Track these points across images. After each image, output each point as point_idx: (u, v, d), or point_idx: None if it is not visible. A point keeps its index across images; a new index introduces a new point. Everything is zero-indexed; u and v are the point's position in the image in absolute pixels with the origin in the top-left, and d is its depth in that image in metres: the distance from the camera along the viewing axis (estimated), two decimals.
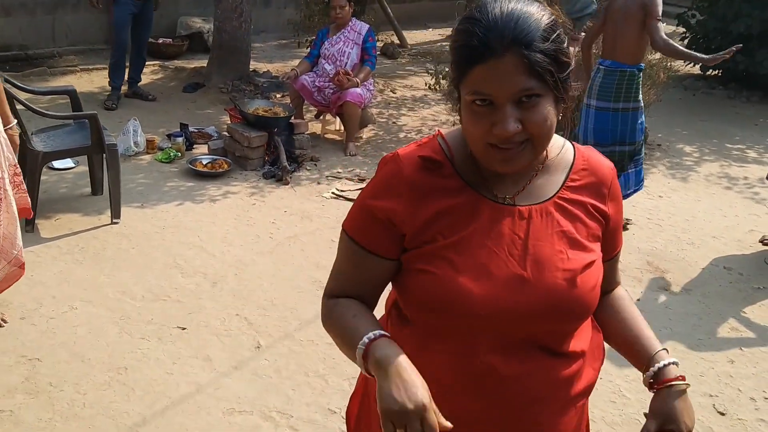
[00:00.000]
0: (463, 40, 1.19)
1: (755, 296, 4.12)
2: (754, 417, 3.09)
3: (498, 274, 1.23)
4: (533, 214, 1.28)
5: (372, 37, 6.07)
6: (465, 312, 1.22)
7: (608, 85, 4.48)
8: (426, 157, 1.28)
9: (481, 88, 1.16)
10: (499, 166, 1.22)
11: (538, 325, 1.26)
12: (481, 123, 1.18)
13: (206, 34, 8.86)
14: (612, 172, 1.37)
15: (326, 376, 3.13)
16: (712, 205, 5.45)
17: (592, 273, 1.29)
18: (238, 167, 5.43)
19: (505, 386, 1.27)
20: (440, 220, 1.26)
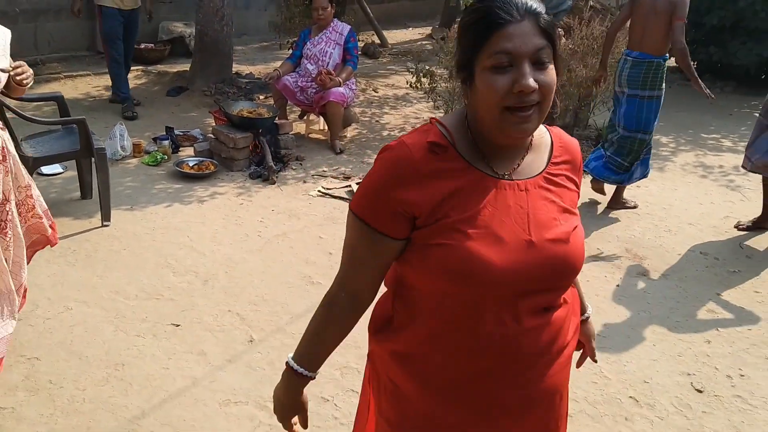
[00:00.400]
0: (483, 13, 1.32)
1: (730, 279, 4.26)
2: (730, 393, 3.23)
3: (509, 241, 1.37)
4: (529, 186, 1.43)
5: (353, 38, 6.17)
6: (483, 276, 1.34)
7: (636, 75, 4.77)
8: (433, 142, 1.39)
9: (505, 46, 1.30)
10: (513, 130, 1.34)
11: (544, 281, 1.41)
12: (502, 83, 1.30)
13: (188, 38, 8.93)
14: (578, 147, 1.57)
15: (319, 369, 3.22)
16: (688, 193, 5.60)
17: (580, 234, 1.47)
18: (224, 168, 5.52)
19: (514, 342, 1.41)
20: (452, 198, 1.37)
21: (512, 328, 1.40)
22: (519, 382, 1.46)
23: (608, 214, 5.08)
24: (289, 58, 6.39)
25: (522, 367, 1.44)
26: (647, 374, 3.31)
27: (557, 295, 1.48)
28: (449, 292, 1.40)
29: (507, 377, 1.44)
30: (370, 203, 1.42)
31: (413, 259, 1.43)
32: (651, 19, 4.66)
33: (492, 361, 1.43)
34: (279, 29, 8.35)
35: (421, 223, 1.38)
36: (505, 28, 1.30)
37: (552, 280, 1.42)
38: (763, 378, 3.34)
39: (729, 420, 3.04)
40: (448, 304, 1.41)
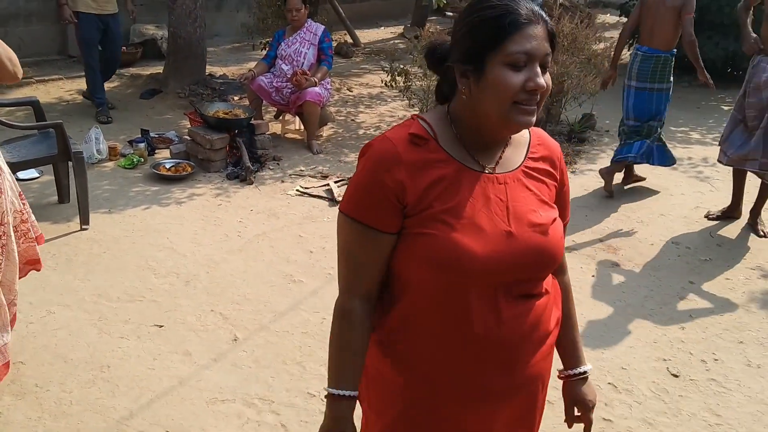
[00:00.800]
0: (503, 12, 1.38)
1: (702, 267, 4.38)
2: (705, 377, 3.33)
3: (490, 231, 1.42)
4: (508, 179, 1.48)
5: (328, 38, 6.21)
6: (465, 266, 1.39)
7: (645, 69, 5.12)
8: (414, 134, 1.45)
9: (525, 47, 1.36)
10: (518, 122, 1.40)
11: (523, 271, 1.46)
12: (516, 80, 1.37)
13: (160, 40, 8.89)
14: (559, 148, 1.62)
15: (303, 363, 3.27)
16: (659, 185, 5.72)
17: (558, 226, 1.52)
18: (201, 170, 5.52)
19: (496, 330, 1.45)
20: (435, 188, 1.42)
21: (495, 316, 1.45)
22: (502, 370, 1.50)
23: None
24: (263, 59, 6.41)
25: (505, 354, 1.48)
26: (625, 361, 3.40)
27: (536, 284, 1.52)
28: (432, 281, 1.44)
29: (490, 365, 1.48)
30: (360, 200, 1.45)
31: (398, 249, 1.47)
32: (660, 16, 4.96)
33: (476, 349, 1.47)
34: (252, 30, 8.34)
35: (409, 212, 1.43)
36: (527, 29, 1.37)
37: (531, 269, 1.47)
38: (736, 362, 3.44)
39: (705, 403, 3.14)
40: (432, 294, 1.45)
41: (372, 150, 1.46)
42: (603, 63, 6.61)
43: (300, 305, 3.75)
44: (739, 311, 3.90)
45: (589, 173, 5.87)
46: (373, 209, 1.44)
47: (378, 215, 1.43)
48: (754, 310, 3.92)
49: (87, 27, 6.39)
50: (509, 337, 1.47)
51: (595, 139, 6.82)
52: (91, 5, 6.30)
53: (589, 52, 6.61)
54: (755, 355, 3.50)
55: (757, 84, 4.54)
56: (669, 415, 3.05)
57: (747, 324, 3.78)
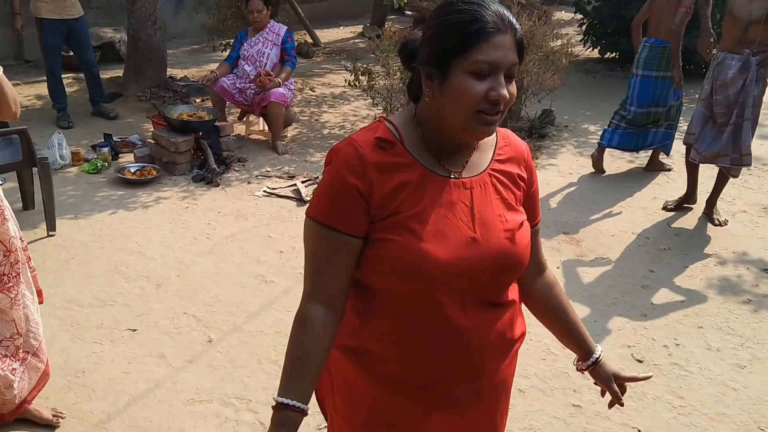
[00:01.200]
0: (470, 18, 1.35)
1: (661, 257, 4.52)
2: (668, 362, 3.46)
3: (454, 237, 1.41)
4: (474, 184, 1.47)
5: (291, 38, 6.24)
6: (430, 272, 1.38)
7: (651, 58, 5.48)
8: (380, 138, 1.44)
9: (491, 57, 1.34)
10: (479, 131, 1.40)
11: (488, 278, 1.45)
12: (479, 90, 1.35)
13: (118, 43, 8.80)
14: (526, 147, 1.61)
15: (279, 362, 3.29)
16: (618, 177, 5.88)
17: (525, 231, 1.51)
18: (166, 173, 5.50)
19: (463, 338, 1.45)
20: (400, 193, 1.41)
21: (461, 323, 1.44)
22: (468, 377, 1.50)
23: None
24: (226, 60, 6.40)
25: (472, 362, 1.49)
26: None
27: (503, 291, 1.52)
28: (397, 288, 1.44)
29: (457, 372, 1.49)
30: (326, 204, 1.44)
31: (365, 257, 1.45)
32: (664, 9, 5.31)
33: (442, 356, 1.47)
34: (212, 31, 8.31)
35: (374, 216, 1.41)
36: (493, 38, 1.34)
37: (497, 275, 1.47)
38: (696, 346, 3.58)
39: (668, 386, 3.27)
40: (398, 301, 1.45)
41: (338, 154, 1.45)
42: (561, 59, 6.75)
43: (272, 305, 3.78)
44: (698, 297, 4.05)
45: (551, 168, 6.01)
46: (339, 211, 1.42)
47: (344, 217, 1.41)
48: (712, 296, 4.07)
49: (49, 33, 6.28)
50: (476, 345, 1.47)
51: (555, 134, 6.96)
52: (52, 11, 6.20)
53: (547, 49, 6.75)
54: (714, 339, 3.65)
55: (724, 81, 4.67)
56: (635, 398, 3.16)
57: (706, 309, 3.93)
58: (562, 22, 12.33)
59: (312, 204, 1.47)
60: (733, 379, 3.33)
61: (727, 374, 3.37)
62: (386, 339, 1.48)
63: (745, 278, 4.29)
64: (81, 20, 6.44)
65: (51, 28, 6.27)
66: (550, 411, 3.05)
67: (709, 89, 4.81)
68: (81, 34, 6.49)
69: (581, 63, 9.77)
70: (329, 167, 1.45)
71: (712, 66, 4.82)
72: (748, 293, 4.12)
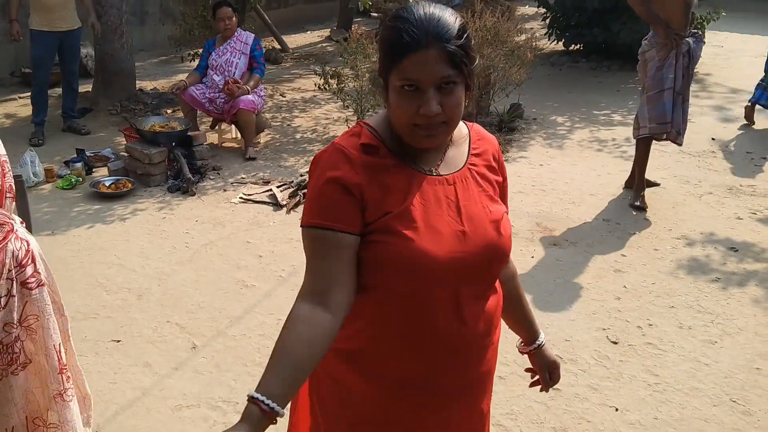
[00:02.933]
0: (394, 36, 1.38)
1: (632, 241, 4.64)
2: (642, 342, 3.56)
3: (445, 233, 1.44)
4: (456, 180, 1.50)
5: (259, 46, 6.29)
6: (427, 269, 1.41)
7: None
8: (366, 144, 1.46)
9: (411, 75, 1.36)
10: (423, 142, 1.44)
11: (479, 270, 1.48)
12: (409, 105, 1.38)
13: (84, 58, 8.74)
14: (495, 141, 1.65)
15: (264, 364, 3.27)
16: (587, 166, 6.01)
17: (507, 222, 1.55)
18: (141, 185, 5.52)
19: (457, 333, 1.48)
20: (390, 194, 1.44)
21: (454, 317, 1.47)
22: (461, 370, 1.53)
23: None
24: (195, 69, 6.44)
25: (465, 354, 1.52)
26: (567, 333, 3.61)
27: (490, 283, 1.55)
28: (395, 286, 1.44)
29: (450, 365, 1.51)
30: (318, 206, 1.44)
31: (360, 259, 1.45)
32: None
33: (439, 352, 1.49)
34: (179, 42, 8.33)
35: (368, 216, 1.42)
36: (414, 55, 1.35)
37: (486, 267, 1.50)
38: (668, 325, 3.70)
39: (643, 365, 3.37)
40: (394, 298, 1.46)
41: (323, 159, 1.47)
42: (526, 54, 6.86)
43: (254, 309, 3.83)
44: (669, 278, 4.17)
45: (522, 160, 6.11)
46: (331, 210, 1.41)
47: (337, 215, 1.41)
48: (681, 276, 4.19)
49: (39, 45, 6.26)
50: (469, 337, 1.50)
51: (524, 127, 7.08)
52: (43, 23, 6.18)
53: (512, 44, 6.86)
54: (686, 318, 3.76)
55: None
56: (612, 379, 3.26)
57: (676, 290, 4.05)
58: (525, 17, 12.52)
59: (304, 214, 1.47)
60: (705, 355, 3.45)
61: (699, 350, 3.48)
62: (380, 337, 1.50)
63: (713, 257, 4.42)
64: (75, 33, 6.42)
65: (41, 40, 6.25)
66: (530, 395, 3.14)
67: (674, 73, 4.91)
68: (71, 45, 6.48)
69: (547, 56, 9.92)
70: (315, 173, 1.47)
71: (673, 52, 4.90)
72: (717, 272, 4.25)
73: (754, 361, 3.41)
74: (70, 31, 6.39)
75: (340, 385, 1.57)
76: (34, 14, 6.19)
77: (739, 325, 3.70)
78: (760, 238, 4.68)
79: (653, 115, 5.00)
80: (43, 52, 6.33)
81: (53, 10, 6.19)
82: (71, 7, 6.35)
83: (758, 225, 4.88)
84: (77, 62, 6.73)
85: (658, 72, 4.94)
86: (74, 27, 6.42)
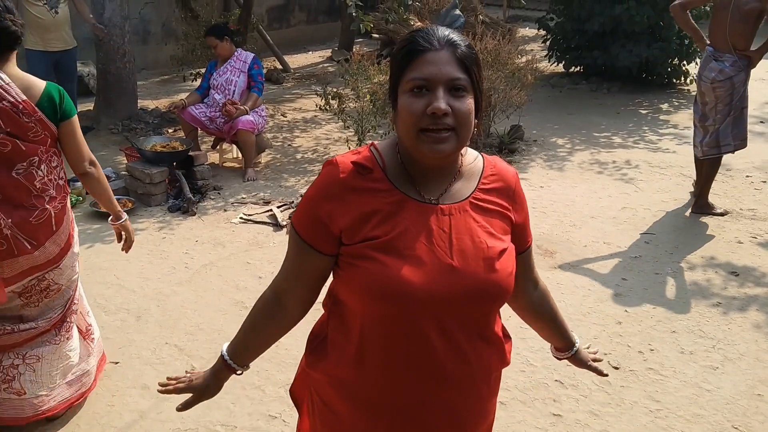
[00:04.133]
0: (407, 43, 1.45)
1: (633, 264, 4.63)
2: (643, 367, 3.54)
3: (430, 263, 1.42)
4: (453, 211, 1.48)
5: (258, 65, 6.31)
6: (405, 298, 1.40)
7: None
8: (357, 163, 1.48)
9: (422, 73, 1.40)
10: (429, 150, 1.41)
11: (468, 307, 1.45)
12: (417, 106, 1.39)
13: (86, 77, 8.82)
14: (516, 176, 1.62)
15: (262, 387, 3.34)
16: (587, 189, 6.01)
17: (507, 260, 1.50)
18: (141, 204, 5.52)
19: (441, 367, 1.46)
20: (373, 218, 1.44)
21: (441, 351, 1.45)
22: (449, 407, 1.51)
23: None
24: (197, 90, 6.47)
25: (452, 392, 1.50)
26: None
27: (488, 322, 1.53)
28: (375, 312, 1.45)
29: (436, 400, 1.50)
30: (302, 214, 1.52)
31: (341, 278, 1.51)
32: None
33: (421, 383, 1.48)
34: (181, 62, 8.38)
35: (346, 240, 1.46)
36: (424, 55, 1.41)
37: (476, 304, 1.46)
38: (670, 350, 3.68)
39: (645, 391, 3.35)
40: (377, 325, 1.46)
41: (323, 172, 1.51)
42: (526, 76, 6.90)
43: None
44: (670, 303, 4.15)
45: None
46: (309, 227, 1.50)
47: (312, 234, 1.50)
48: (683, 301, 4.18)
49: (33, 64, 6.25)
50: (459, 374, 1.49)
51: (524, 149, 7.10)
52: (37, 42, 6.19)
53: (513, 66, 6.90)
54: (687, 343, 3.74)
55: None
56: (613, 405, 3.24)
57: (677, 314, 4.03)
58: (526, 39, 12.60)
59: (296, 210, 1.56)
60: (706, 381, 3.43)
61: (701, 376, 3.46)
62: (366, 364, 1.50)
63: (714, 282, 4.41)
64: (70, 52, 6.42)
65: (35, 60, 6.25)
66: (531, 421, 3.12)
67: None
68: (67, 65, 6.47)
69: (547, 78, 9.96)
70: (316, 180, 1.53)
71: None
72: (718, 296, 4.23)
73: (755, 387, 3.39)
74: (65, 51, 6.40)
75: (331, 409, 1.59)
76: (29, 34, 6.19)
77: (741, 351, 3.68)
78: (760, 263, 4.67)
79: (737, 134, 5.26)
80: (39, 72, 6.29)
81: (48, 30, 6.20)
82: (66, 28, 6.37)
83: (759, 249, 4.87)
84: (75, 82, 6.74)
85: (743, 92, 5.20)
86: (69, 47, 6.44)
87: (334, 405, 1.58)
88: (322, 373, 1.57)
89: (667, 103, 9.07)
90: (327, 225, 1.47)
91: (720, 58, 5.12)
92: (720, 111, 5.20)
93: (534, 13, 13.81)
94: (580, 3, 9.37)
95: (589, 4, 9.23)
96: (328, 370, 1.55)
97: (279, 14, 12.34)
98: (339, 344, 1.54)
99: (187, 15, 9.05)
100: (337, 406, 1.57)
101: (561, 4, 9.92)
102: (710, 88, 5.17)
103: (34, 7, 6.11)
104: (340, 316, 1.55)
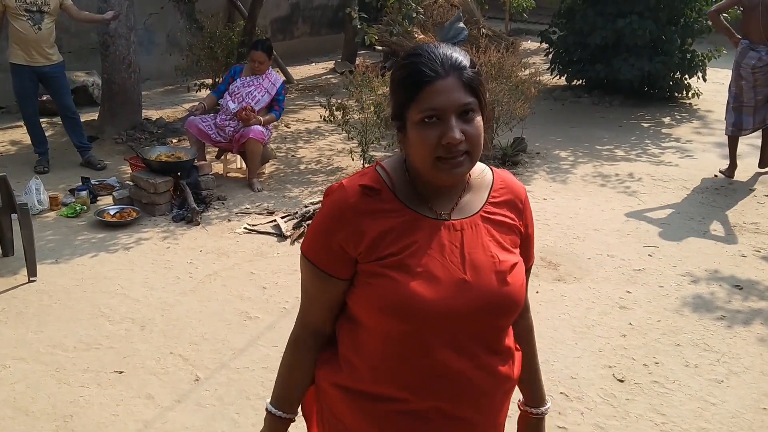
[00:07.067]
0: (410, 71, 1.42)
1: (637, 277, 4.63)
2: (648, 380, 3.54)
3: (444, 279, 1.42)
4: (464, 226, 1.48)
5: (284, 91, 6.41)
6: (420, 314, 1.40)
7: None
8: (365, 186, 1.48)
9: (432, 104, 1.38)
10: (446, 176, 1.42)
11: (481, 321, 1.45)
12: (431, 137, 1.39)
13: (91, 86, 8.85)
14: (524, 190, 1.63)
15: (267, 397, 3.28)
16: (591, 201, 6.02)
17: (519, 272, 1.51)
18: (146, 214, 5.53)
19: (457, 382, 1.46)
20: (386, 238, 1.44)
21: (455, 366, 1.45)
22: (462, 420, 1.50)
23: None
24: (213, 92, 6.52)
25: (465, 405, 1.49)
26: (573, 370, 3.59)
27: (498, 336, 1.52)
28: (389, 328, 1.45)
29: (450, 414, 1.49)
30: (315, 245, 1.51)
31: (356, 295, 1.50)
32: None
33: (435, 397, 1.47)
34: (185, 72, 8.41)
35: (361, 260, 1.46)
36: (432, 85, 1.38)
37: (490, 318, 1.46)
38: (675, 363, 3.67)
39: (650, 404, 3.34)
40: (391, 341, 1.46)
41: (330, 198, 1.50)
42: (529, 88, 6.92)
43: (258, 341, 3.81)
44: (674, 316, 4.15)
45: None
46: (324, 255, 1.49)
47: (328, 262, 1.48)
48: (687, 314, 4.18)
49: (19, 79, 6.26)
50: (473, 388, 1.48)
51: (527, 161, 7.11)
52: (23, 57, 6.20)
53: (516, 79, 6.92)
54: (692, 356, 3.74)
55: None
56: (618, 418, 3.24)
57: (682, 327, 4.03)
58: (529, 52, 12.65)
59: (305, 240, 1.54)
60: (711, 394, 3.42)
61: (706, 389, 3.46)
62: (379, 378, 1.49)
63: (718, 295, 4.41)
64: (55, 67, 6.35)
65: (21, 74, 6.24)
66: None
67: None
68: (54, 80, 6.40)
69: (549, 91, 9.99)
70: (322, 209, 1.51)
71: None
72: (722, 309, 4.23)
73: (761, 401, 3.38)
74: (50, 66, 6.30)
75: (343, 423, 1.58)
76: (12, 47, 6.20)
77: (746, 364, 3.68)
78: (764, 276, 4.67)
79: None
80: (23, 86, 6.30)
81: (30, 46, 6.16)
82: (50, 44, 6.27)
83: (762, 263, 4.87)
84: (68, 95, 6.64)
85: None
86: (53, 62, 6.33)
87: (345, 418, 1.57)
88: (333, 387, 1.57)
89: (669, 116, 9.09)
90: (344, 250, 1.47)
91: (756, 49, 6.15)
92: (760, 92, 6.25)
93: (536, 26, 13.88)
94: (582, 17, 9.41)
95: (591, 17, 9.27)
96: (340, 384, 1.55)
97: (282, 26, 12.39)
98: (352, 360, 1.53)
99: (191, 26, 9.10)
100: (348, 419, 1.56)
101: (563, 17, 9.96)
102: (750, 73, 6.19)
103: (18, 21, 6.07)
104: (353, 333, 1.54)
